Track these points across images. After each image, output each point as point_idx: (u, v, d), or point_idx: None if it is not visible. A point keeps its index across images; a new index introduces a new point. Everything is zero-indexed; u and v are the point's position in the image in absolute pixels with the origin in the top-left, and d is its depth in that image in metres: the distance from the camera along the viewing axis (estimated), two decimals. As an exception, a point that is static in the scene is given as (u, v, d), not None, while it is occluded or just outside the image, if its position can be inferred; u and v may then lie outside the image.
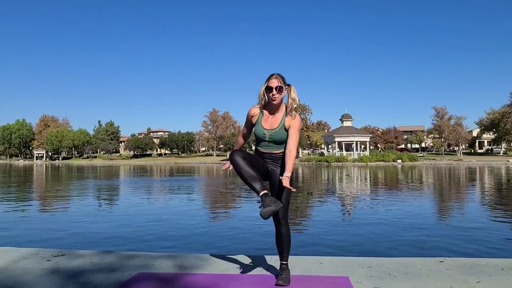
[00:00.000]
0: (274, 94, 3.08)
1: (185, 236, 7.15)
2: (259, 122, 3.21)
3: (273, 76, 3.12)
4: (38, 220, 9.32)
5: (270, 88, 3.09)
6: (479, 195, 15.29)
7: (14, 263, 3.61)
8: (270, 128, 3.17)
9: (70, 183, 23.16)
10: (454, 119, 77.38)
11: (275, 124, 3.16)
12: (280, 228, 3.20)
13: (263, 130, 3.18)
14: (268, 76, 3.15)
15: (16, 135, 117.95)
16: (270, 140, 3.17)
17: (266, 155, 3.23)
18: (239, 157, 2.98)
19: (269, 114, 3.19)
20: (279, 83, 3.08)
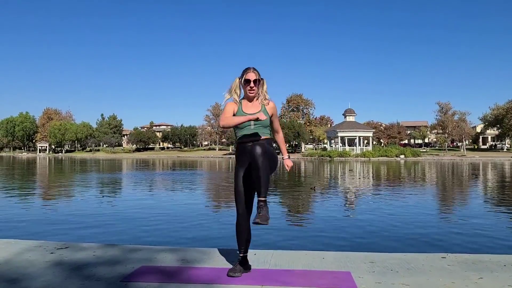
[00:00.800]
0: (253, 86, 3.16)
1: (188, 230, 7.17)
2: (241, 109, 3.21)
3: (250, 70, 3.19)
4: (42, 213, 9.37)
5: (248, 80, 3.16)
6: (482, 191, 15.27)
7: (18, 255, 3.63)
8: (254, 113, 3.17)
9: (73, 176, 23.24)
10: (458, 115, 77.06)
11: (256, 109, 3.20)
12: (247, 220, 3.26)
13: (245, 114, 3.17)
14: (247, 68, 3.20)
15: (20, 128, 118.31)
16: (256, 124, 3.15)
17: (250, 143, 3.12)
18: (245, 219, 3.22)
19: (248, 102, 3.25)
20: (256, 76, 3.17)
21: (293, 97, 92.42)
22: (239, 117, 3.13)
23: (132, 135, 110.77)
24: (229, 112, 3.19)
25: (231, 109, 3.21)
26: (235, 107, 3.22)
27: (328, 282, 2.95)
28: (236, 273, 3.04)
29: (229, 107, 3.22)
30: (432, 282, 2.95)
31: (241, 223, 3.19)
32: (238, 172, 3.22)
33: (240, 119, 3.10)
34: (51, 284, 2.87)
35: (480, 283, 2.93)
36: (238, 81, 3.23)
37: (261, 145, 2.98)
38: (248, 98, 3.24)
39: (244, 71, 3.20)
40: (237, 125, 3.14)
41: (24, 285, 2.86)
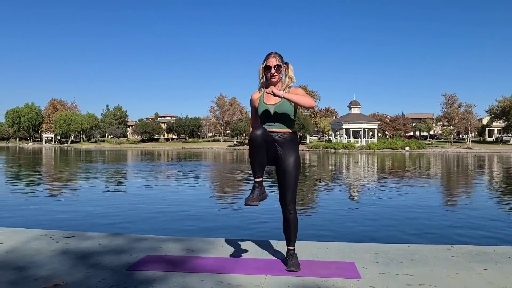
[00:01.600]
0: (273, 73, 3.09)
1: (193, 220, 7.21)
2: (262, 100, 3.15)
3: (271, 55, 3.12)
4: (48, 202, 9.44)
5: (269, 67, 3.09)
6: (487, 183, 15.21)
7: (25, 244, 3.67)
8: (274, 103, 3.11)
9: (78, 167, 23.37)
10: (464, 107, 76.62)
11: (278, 99, 3.10)
12: (287, 213, 3.17)
13: (266, 106, 3.11)
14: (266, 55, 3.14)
15: (25, 119, 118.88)
16: (276, 113, 3.07)
17: (273, 137, 3.05)
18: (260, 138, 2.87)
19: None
20: (277, 62, 3.09)
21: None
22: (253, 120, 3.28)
23: (137, 126, 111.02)
24: (252, 111, 3.28)
25: (253, 104, 3.22)
26: (256, 101, 3.20)
27: (332, 272, 2.96)
28: (255, 202, 2.94)
29: (252, 103, 3.25)
30: (436, 273, 2.96)
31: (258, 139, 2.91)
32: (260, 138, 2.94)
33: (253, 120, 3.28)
34: (58, 272, 2.90)
35: (485, 274, 2.93)
36: (261, 69, 3.15)
37: (296, 157, 3.11)
38: (271, 84, 3.15)
39: (265, 57, 3.13)
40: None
41: (31, 272, 2.90)
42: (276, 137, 3.08)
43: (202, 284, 2.70)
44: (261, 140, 2.90)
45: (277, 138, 3.09)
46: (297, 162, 3.15)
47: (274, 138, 3.08)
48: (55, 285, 2.64)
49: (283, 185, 3.13)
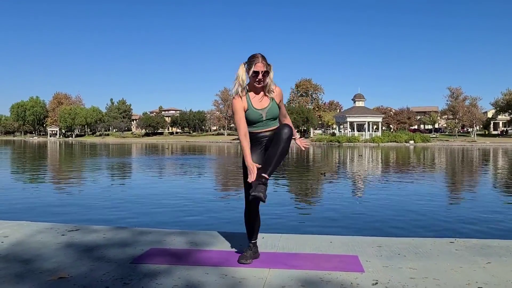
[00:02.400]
0: (261, 79, 3.01)
1: (197, 213, 7.24)
2: (251, 106, 3.08)
3: (259, 59, 2.99)
4: (53, 195, 9.50)
5: (257, 72, 2.99)
6: (491, 177, 15.16)
7: (30, 237, 3.70)
8: (264, 107, 3.09)
9: (83, 160, 23.47)
10: (469, 100, 76.08)
11: (266, 102, 3.10)
12: (257, 207, 3.17)
13: (258, 111, 3.07)
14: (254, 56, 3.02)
15: (30, 112, 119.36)
16: (268, 118, 3.09)
17: (262, 135, 3.12)
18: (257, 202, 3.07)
19: (255, 94, 3.11)
20: (265, 67, 3.00)
21: (302, 82, 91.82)
22: (246, 157, 2.98)
23: (141, 119, 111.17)
24: (240, 113, 3.06)
25: (241, 107, 3.07)
26: (245, 104, 3.08)
27: (336, 265, 2.97)
28: (248, 260, 3.01)
29: (239, 107, 3.06)
30: (439, 267, 2.96)
31: (252, 211, 3.14)
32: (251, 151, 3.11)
33: (246, 158, 2.99)
34: (63, 265, 2.93)
35: (488, 268, 2.93)
36: (244, 68, 3.06)
37: (290, 128, 2.99)
38: (255, 89, 3.11)
39: (251, 60, 3.01)
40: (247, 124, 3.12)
41: (37, 265, 2.92)
42: (266, 133, 3.12)
43: (206, 277, 2.71)
44: (258, 203, 3.08)
45: (266, 135, 3.12)
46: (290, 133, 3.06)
47: (264, 135, 3.12)
48: (60, 277, 2.67)
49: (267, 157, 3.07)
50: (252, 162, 2.97)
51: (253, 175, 2.93)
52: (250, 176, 2.92)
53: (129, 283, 2.59)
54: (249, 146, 3.05)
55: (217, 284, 2.58)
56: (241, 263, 2.99)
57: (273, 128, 3.13)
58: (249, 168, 2.94)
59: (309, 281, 2.65)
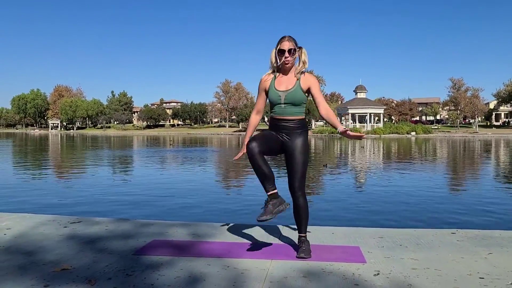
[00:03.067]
0: (287, 57, 2.98)
1: (199, 205, 7.25)
2: (273, 86, 3.06)
3: (285, 39, 3.00)
4: (55, 188, 9.53)
5: (282, 51, 2.98)
6: (493, 168, 15.15)
7: (33, 229, 3.71)
8: (286, 90, 3.03)
9: (85, 152, 23.50)
10: (470, 91, 75.85)
11: (290, 85, 3.04)
12: (297, 201, 3.13)
13: (277, 92, 3.03)
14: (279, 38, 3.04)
15: (31, 105, 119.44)
16: (286, 102, 3.02)
17: (282, 124, 3.06)
18: (256, 151, 2.88)
19: (283, 75, 3.08)
20: (291, 46, 2.99)
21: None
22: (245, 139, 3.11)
23: (142, 112, 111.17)
24: (260, 94, 3.15)
25: (263, 89, 3.11)
26: (266, 84, 3.09)
27: (338, 256, 2.98)
28: (264, 216, 2.90)
29: (260, 87, 3.13)
30: (441, 257, 2.96)
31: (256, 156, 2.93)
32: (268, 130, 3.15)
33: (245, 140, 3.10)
34: (65, 257, 2.94)
35: (490, 259, 2.93)
36: (274, 53, 3.06)
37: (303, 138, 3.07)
38: (284, 69, 3.07)
39: (279, 41, 3.03)
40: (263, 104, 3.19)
41: (40, 257, 2.93)
42: (285, 123, 3.06)
43: (208, 268, 2.72)
44: (257, 152, 2.90)
45: (285, 125, 3.06)
46: (304, 148, 3.09)
47: (283, 125, 3.06)
48: (63, 269, 2.68)
49: (291, 171, 3.08)
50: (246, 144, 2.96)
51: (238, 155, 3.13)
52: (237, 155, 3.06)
53: (131, 274, 2.61)
54: (253, 127, 3.23)
55: (219, 276, 2.59)
56: (300, 257, 2.91)
57: (292, 119, 3.06)
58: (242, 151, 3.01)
59: (311, 272, 2.66)
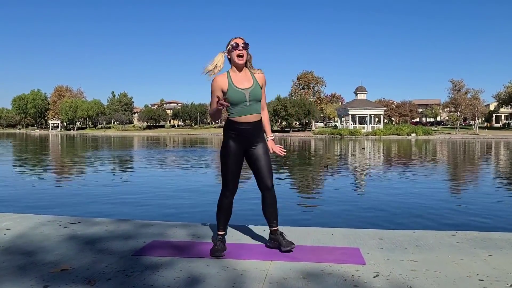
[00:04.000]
0: (241, 50, 2.94)
1: (199, 206, 7.25)
2: (232, 85, 2.95)
3: (237, 36, 3.00)
4: (55, 188, 9.53)
5: (237, 44, 2.95)
6: (492, 169, 15.14)
7: (32, 229, 3.71)
8: (248, 87, 2.97)
9: (85, 153, 23.50)
10: (471, 93, 75.78)
11: (249, 83, 2.99)
12: (272, 195, 3.17)
13: (240, 91, 2.94)
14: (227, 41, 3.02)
15: (32, 105, 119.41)
16: (251, 99, 2.96)
17: (244, 129, 2.99)
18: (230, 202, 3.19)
19: (237, 73, 3.01)
20: (244, 40, 2.99)
21: (304, 75, 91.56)
22: (213, 103, 2.96)
23: (142, 112, 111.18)
24: (215, 95, 2.94)
25: (219, 89, 2.94)
26: (223, 84, 2.94)
27: (337, 258, 2.97)
28: (222, 253, 3.00)
29: (216, 88, 2.95)
30: (441, 259, 2.96)
31: (228, 200, 3.15)
32: (229, 148, 3.03)
33: (213, 105, 2.95)
34: (65, 257, 2.94)
35: (489, 261, 2.93)
36: (223, 55, 3.00)
37: (264, 144, 3.09)
38: (237, 67, 3.00)
39: (229, 42, 3.00)
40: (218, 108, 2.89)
41: (40, 257, 2.94)
42: (247, 127, 3.00)
43: (207, 269, 2.72)
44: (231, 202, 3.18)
45: (247, 129, 3.00)
46: (267, 146, 3.19)
47: (245, 130, 3.00)
48: (62, 270, 2.68)
49: (262, 172, 3.09)
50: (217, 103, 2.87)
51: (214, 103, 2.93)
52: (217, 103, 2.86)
53: (131, 275, 2.61)
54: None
55: (219, 276, 2.59)
56: (214, 256, 2.97)
57: (257, 119, 3.03)
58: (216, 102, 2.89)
59: (310, 273, 2.66)
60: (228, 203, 3.16)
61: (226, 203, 3.15)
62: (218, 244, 3.07)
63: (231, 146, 3.03)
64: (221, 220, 3.17)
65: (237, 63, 2.97)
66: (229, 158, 3.03)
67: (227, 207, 3.17)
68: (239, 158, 3.08)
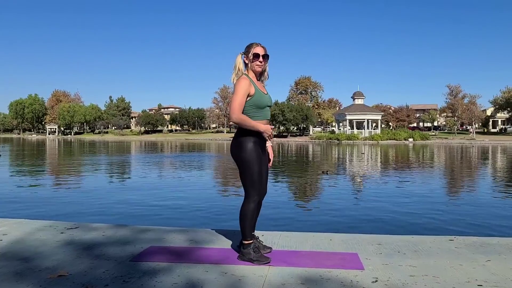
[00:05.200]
0: (261, 61, 3.03)
1: (196, 211, 7.23)
2: (258, 89, 3.02)
3: (259, 44, 3.04)
4: (52, 193, 9.49)
5: (257, 55, 3.01)
6: (490, 174, 15.17)
7: (30, 235, 3.69)
8: (266, 93, 3.13)
9: (83, 158, 23.44)
10: (468, 98, 76.10)
11: (264, 89, 3.16)
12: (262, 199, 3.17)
13: (266, 95, 3.08)
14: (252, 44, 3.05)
15: (29, 110, 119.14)
16: (269, 104, 3.10)
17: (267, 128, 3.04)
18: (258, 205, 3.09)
19: (255, 79, 3.08)
20: (265, 52, 3.05)
21: (302, 80, 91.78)
22: (258, 124, 2.94)
23: (140, 117, 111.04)
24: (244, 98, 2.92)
25: (248, 90, 2.93)
26: (251, 87, 2.97)
27: (335, 263, 2.97)
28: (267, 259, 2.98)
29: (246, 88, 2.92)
30: (439, 264, 2.96)
31: (256, 203, 3.04)
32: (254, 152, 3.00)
33: (257, 126, 2.93)
34: (62, 263, 2.92)
35: (488, 266, 2.93)
36: (241, 58, 3.05)
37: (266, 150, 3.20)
38: (254, 72, 3.07)
39: (249, 46, 3.04)
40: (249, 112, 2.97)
41: (37, 263, 2.92)
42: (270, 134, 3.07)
43: (206, 275, 2.71)
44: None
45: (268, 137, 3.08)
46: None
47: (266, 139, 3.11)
48: (59, 275, 2.66)
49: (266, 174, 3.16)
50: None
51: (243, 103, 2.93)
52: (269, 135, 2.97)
53: (128, 281, 2.59)
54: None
55: (217, 282, 2.58)
56: (266, 264, 2.93)
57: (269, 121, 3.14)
58: (267, 129, 2.95)
59: (309, 279, 2.65)
60: (256, 206, 3.06)
61: (254, 207, 3.02)
62: (256, 252, 3.01)
63: (255, 150, 3.00)
64: (249, 227, 3.04)
65: (256, 70, 3.06)
66: (255, 162, 2.98)
67: (256, 211, 3.07)
68: (263, 159, 3.11)
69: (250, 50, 3.02)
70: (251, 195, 3.00)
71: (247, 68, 3.07)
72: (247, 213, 3.00)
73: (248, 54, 3.03)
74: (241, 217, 3.02)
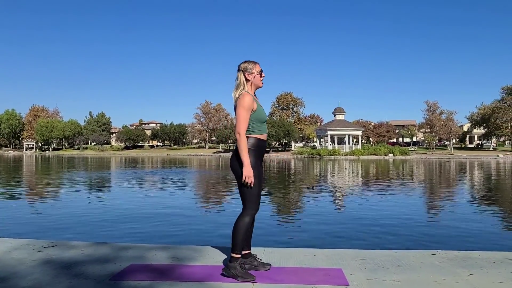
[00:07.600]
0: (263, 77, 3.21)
1: (178, 228, 7.13)
2: (259, 104, 3.16)
3: (255, 62, 3.18)
4: (29, 212, 9.24)
5: (262, 71, 3.19)
6: (468, 188, 15.44)
7: (5, 254, 3.57)
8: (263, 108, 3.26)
9: (60, 175, 22.98)
10: (445, 114, 77.85)
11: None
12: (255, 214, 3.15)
13: (264, 111, 3.20)
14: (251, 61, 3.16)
15: (5, 125, 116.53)
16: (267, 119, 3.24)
17: (265, 144, 3.19)
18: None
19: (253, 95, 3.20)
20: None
21: (283, 96, 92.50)
22: (248, 160, 2.96)
23: (121, 133, 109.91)
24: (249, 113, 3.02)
25: (251, 107, 3.04)
26: (254, 103, 3.07)
27: (320, 279, 2.95)
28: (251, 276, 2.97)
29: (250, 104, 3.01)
30: (423, 279, 2.97)
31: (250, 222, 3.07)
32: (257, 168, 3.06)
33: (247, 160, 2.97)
34: (40, 283, 2.83)
35: (470, 280, 2.95)
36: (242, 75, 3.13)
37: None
38: (256, 89, 3.23)
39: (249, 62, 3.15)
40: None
41: (13, 283, 2.81)
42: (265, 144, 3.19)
43: (188, 293, 2.65)
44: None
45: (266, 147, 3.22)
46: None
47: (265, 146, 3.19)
48: (36, 296, 2.57)
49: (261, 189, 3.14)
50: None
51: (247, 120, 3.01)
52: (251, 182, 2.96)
53: (109, 300, 2.51)
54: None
55: (201, 300, 2.53)
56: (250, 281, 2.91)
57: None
58: (249, 173, 2.94)
59: (294, 296, 2.61)
60: (251, 220, 3.08)
61: (249, 220, 3.04)
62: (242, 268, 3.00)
63: (256, 165, 3.04)
64: (241, 241, 3.02)
65: (260, 85, 3.20)
66: (256, 177, 3.01)
67: (250, 226, 3.10)
68: (261, 175, 3.12)
69: (252, 67, 3.14)
70: (248, 209, 3.03)
71: (246, 84, 3.15)
72: (242, 226, 3.01)
73: (250, 71, 3.13)
74: (235, 230, 3.02)
